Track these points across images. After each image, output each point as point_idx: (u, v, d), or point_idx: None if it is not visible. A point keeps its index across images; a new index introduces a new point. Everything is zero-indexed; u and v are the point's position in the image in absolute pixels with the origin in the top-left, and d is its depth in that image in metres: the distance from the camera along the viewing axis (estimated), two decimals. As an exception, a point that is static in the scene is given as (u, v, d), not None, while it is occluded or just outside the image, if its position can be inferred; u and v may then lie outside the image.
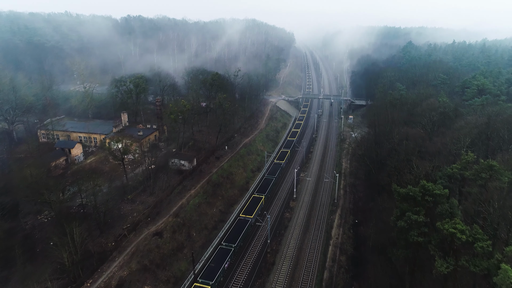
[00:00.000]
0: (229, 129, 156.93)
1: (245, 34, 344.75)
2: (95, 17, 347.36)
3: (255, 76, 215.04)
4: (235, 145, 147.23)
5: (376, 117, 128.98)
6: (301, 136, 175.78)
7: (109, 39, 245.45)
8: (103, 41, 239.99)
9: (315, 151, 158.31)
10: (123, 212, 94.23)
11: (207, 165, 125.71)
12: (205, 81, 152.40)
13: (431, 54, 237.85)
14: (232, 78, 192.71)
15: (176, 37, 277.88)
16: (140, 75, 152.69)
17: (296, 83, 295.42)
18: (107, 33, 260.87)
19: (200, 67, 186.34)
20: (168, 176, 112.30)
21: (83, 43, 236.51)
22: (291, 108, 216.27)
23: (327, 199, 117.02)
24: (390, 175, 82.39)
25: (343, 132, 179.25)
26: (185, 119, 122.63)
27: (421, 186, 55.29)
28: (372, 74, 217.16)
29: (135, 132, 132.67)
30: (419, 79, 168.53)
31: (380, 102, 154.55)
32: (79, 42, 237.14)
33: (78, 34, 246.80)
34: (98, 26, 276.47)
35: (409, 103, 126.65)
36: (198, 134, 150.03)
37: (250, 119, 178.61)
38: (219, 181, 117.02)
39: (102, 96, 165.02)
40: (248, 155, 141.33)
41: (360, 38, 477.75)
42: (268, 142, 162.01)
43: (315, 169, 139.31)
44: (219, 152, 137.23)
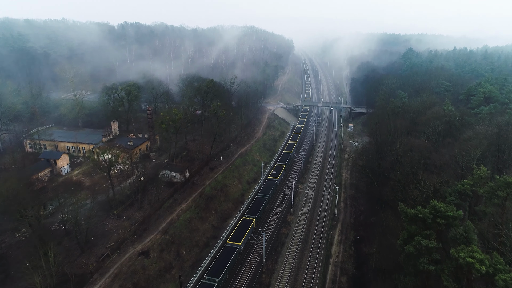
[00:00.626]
0: (224, 138, 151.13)
1: (243, 41, 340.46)
2: (91, 23, 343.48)
3: (253, 83, 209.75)
4: (230, 155, 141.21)
5: (378, 126, 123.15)
6: (300, 145, 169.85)
7: (103, 46, 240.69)
8: (97, 48, 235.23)
9: (314, 161, 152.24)
10: (108, 229, 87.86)
11: (200, 177, 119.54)
12: (199, 89, 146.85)
13: (432, 60, 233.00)
14: (229, 85, 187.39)
15: (172, 44, 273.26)
16: (132, 82, 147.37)
17: (295, 90, 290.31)
18: (101, 40, 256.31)
19: (196, 74, 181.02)
20: (158, 189, 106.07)
21: (76, 50, 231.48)
22: (289, 116, 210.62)
23: (327, 212, 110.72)
24: (394, 190, 76.28)
25: (343, 141, 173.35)
26: (177, 128, 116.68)
27: (432, 207, 49.20)
28: (372, 81, 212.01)
29: (125, 141, 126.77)
30: (422, 86, 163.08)
31: (381, 110, 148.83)
32: (72, 49, 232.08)
33: (72, 41, 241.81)
34: (93, 33, 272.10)
35: (412, 112, 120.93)
36: (192, 143, 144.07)
37: (246, 128, 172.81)
38: (212, 194, 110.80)
39: (94, 104, 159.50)
40: (244, 166, 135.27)
41: (360, 45, 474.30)
42: (265, 151, 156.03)
43: (314, 180, 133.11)
44: (213, 163, 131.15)
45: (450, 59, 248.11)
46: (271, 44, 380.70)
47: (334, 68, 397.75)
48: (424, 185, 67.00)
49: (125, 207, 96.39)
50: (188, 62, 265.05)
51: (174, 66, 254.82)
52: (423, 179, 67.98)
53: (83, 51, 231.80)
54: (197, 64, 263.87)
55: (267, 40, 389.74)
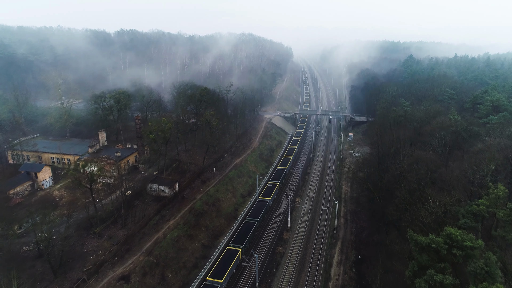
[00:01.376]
0: (218, 148, 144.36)
1: (240, 48, 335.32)
2: (87, 31, 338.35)
3: (249, 91, 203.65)
4: (224, 166, 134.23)
5: (379, 136, 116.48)
6: (297, 156, 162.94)
7: (94, 53, 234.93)
8: (88, 55, 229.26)
9: (312, 172, 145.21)
10: (87, 250, 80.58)
11: (191, 191, 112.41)
12: (192, 97, 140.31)
13: (433, 68, 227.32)
14: (224, 93, 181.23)
15: (168, 51, 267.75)
16: (121, 90, 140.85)
17: (293, 98, 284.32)
18: (94, 47, 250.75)
19: (190, 82, 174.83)
20: (145, 204, 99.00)
21: (65, 57, 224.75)
22: (287, 125, 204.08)
23: (326, 229, 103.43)
24: (399, 209, 69.22)
25: (343, 151, 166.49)
26: (166, 139, 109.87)
27: (447, 235, 42.20)
28: (372, 88, 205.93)
29: (112, 153, 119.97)
30: (424, 94, 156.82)
31: (382, 119, 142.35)
32: (60, 56, 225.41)
33: (61, 48, 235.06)
34: (85, 40, 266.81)
35: (416, 121, 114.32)
36: (185, 154, 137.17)
37: (242, 137, 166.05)
38: (203, 209, 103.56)
39: (83, 113, 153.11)
40: (238, 178, 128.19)
41: (360, 52, 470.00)
42: (261, 162, 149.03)
43: (312, 193, 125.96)
44: (205, 175, 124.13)
45: (452, 66, 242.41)
46: (269, 52, 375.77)
47: (333, 76, 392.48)
48: (434, 205, 59.94)
49: (107, 225, 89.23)
50: (184, 69, 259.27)
51: (169, 73, 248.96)
52: (432, 197, 60.97)
53: (73, 58, 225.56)
54: (192, 72, 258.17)
55: (265, 48, 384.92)
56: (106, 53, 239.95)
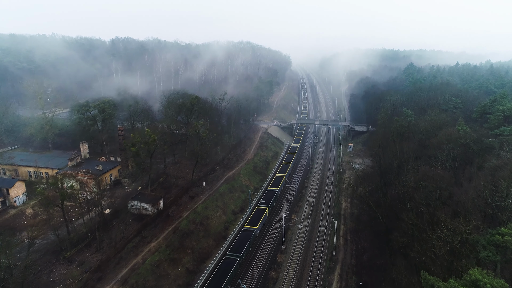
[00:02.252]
0: (210, 161, 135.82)
1: (237, 56, 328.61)
2: (81, 38, 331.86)
3: (245, 100, 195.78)
4: (215, 180, 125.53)
5: (381, 148, 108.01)
6: (294, 168, 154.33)
7: (84, 61, 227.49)
8: (77, 64, 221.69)
9: (309, 187, 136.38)
10: (54, 279, 71.47)
11: (177, 208, 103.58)
12: (182, 106, 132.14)
13: (435, 75, 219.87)
14: (218, 102, 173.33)
15: (162, 59, 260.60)
16: (106, 99, 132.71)
17: (291, 107, 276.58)
18: (83, 55, 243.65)
19: (181, 90, 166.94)
20: (124, 224, 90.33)
21: (51, 64, 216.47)
22: (284, 135, 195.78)
23: (324, 251, 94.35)
24: (407, 234, 60.43)
25: (342, 163, 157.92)
26: (150, 151, 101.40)
27: (472, 282, 33.44)
28: (372, 97, 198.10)
29: (93, 166, 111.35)
30: (427, 103, 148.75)
31: (384, 129, 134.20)
32: (47, 64, 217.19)
33: (48, 56, 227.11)
34: (78, 48, 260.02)
35: (421, 132, 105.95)
36: (173, 167, 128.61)
37: (236, 148, 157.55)
38: (189, 229, 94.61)
39: (67, 123, 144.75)
40: (230, 193, 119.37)
41: (359, 60, 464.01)
42: (256, 175, 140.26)
43: (309, 210, 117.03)
44: (194, 190, 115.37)
45: (454, 74, 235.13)
46: (266, 59, 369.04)
47: (332, 84, 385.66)
48: (447, 232, 51.21)
49: (80, 249, 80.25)
50: (178, 77, 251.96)
51: (163, 82, 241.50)
52: (445, 223, 52.26)
53: (57, 65, 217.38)
54: (187, 80, 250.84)
55: (262, 56, 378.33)
56: (96, 61, 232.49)
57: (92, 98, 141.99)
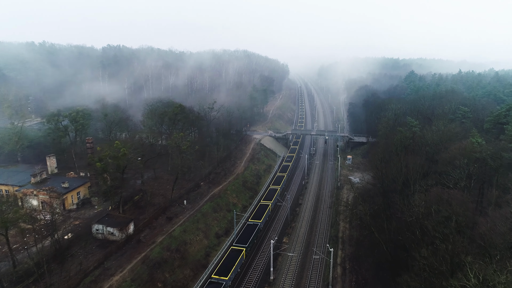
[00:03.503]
0: (194, 176, 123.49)
1: (233, 65, 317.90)
2: (71, 46, 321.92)
3: (237, 109, 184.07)
4: (198, 197, 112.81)
5: (383, 163, 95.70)
6: (288, 183, 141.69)
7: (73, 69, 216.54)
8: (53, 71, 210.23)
9: (304, 204, 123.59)
10: (-15, 327, 58.50)
11: (151, 231, 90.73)
12: (163, 115, 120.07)
13: (439, 83, 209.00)
14: (206, 111, 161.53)
15: (153, 67, 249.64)
16: (81, 107, 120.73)
17: (287, 117, 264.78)
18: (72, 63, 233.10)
19: (166, 98, 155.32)
20: (86, 253, 77.58)
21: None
22: (278, 146, 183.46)
23: (318, 283, 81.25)
24: (419, 277, 47.68)
25: (340, 177, 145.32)
26: (121, 167, 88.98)
27: None
28: (372, 106, 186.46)
29: (59, 183, 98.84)
30: (432, 112, 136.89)
31: (386, 141, 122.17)
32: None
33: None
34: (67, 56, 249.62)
35: (428, 145, 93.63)
36: (153, 183, 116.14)
37: (225, 161, 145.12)
38: (162, 257, 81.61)
39: (41, 133, 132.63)
40: (214, 213, 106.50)
41: (358, 68, 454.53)
42: (245, 191, 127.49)
43: (303, 233, 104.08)
44: (173, 210, 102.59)
45: (458, 82, 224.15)
46: (262, 68, 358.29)
47: (330, 93, 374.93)
48: (476, 281, 38.53)
49: (26, 285, 67.29)
50: (169, 86, 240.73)
51: (152, 90, 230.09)
52: (472, 269, 39.62)
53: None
54: (176, 88, 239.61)
55: (258, 64, 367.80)
56: (84, 69, 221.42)
57: (65, 107, 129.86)
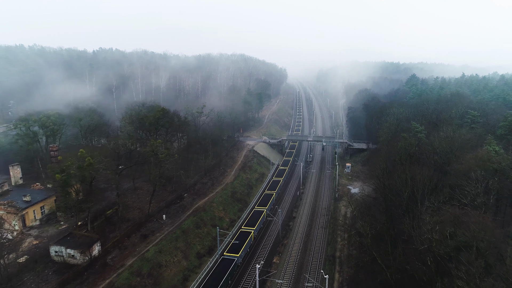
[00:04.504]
0: (177, 186, 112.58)
1: (227, 68, 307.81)
2: (61, 50, 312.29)
3: (229, 114, 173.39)
4: (180, 211, 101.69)
5: (385, 173, 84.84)
6: (281, 194, 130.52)
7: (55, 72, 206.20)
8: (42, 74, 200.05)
9: (298, 218, 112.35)
10: None
11: (121, 252, 79.51)
12: (143, 120, 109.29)
13: (442, 86, 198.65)
14: (195, 115, 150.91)
15: (144, 70, 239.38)
16: (52, 111, 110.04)
17: (284, 122, 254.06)
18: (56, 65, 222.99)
19: (152, 101, 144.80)
20: (40, 280, 66.44)
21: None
22: (272, 153, 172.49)
23: (311, 314, 69.98)
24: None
25: (339, 187, 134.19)
26: (88, 178, 78.07)
27: None
28: (373, 110, 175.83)
29: (20, 196, 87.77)
30: (438, 116, 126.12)
31: (388, 148, 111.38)
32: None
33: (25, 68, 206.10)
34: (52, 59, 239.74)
35: (437, 153, 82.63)
36: (131, 195, 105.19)
37: (213, 170, 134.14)
38: (130, 285, 70.34)
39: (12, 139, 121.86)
40: (196, 229, 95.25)
41: (358, 72, 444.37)
42: (234, 203, 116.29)
43: (296, 251, 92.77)
44: (149, 226, 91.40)
45: (462, 85, 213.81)
46: (259, 72, 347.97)
47: (329, 98, 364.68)
48: None
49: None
50: (159, 90, 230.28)
51: (142, 94, 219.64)
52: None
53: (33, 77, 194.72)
54: (168, 93, 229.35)
55: (255, 67, 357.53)
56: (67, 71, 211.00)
57: (38, 111, 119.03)
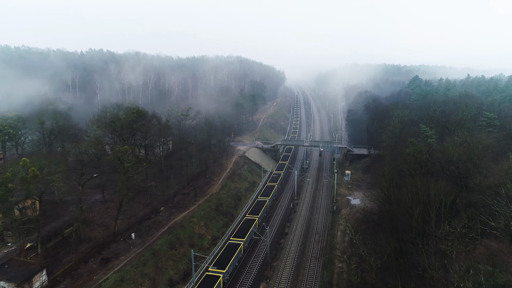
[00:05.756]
0: (154, 198, 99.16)
1: (222, 69, 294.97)
2: (49, 51, 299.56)
3: (219, 116, 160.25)
4: (154, 228, 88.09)
5: (391, 185, 71.38)
6: (273, 205, 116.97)
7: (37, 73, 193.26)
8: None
9: (291, 234, 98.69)
10: None
11: (73, 282, 65.85)
12: (114, 123, 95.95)
13: (449, 88, 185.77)
14: (181, 119, 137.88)
15: (131, 72, 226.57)
16: (11, 113, 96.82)
17: (280, 126, 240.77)
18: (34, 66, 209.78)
19: (130, 102, 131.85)
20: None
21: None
22: (265, 159, 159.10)
23: None
24: None
25: (337, 197, 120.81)
26: (30, 193, 64.74)
27: None
28: (374, 112, 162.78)
29: (-40, 213, 74.13)
30: (448, 119, 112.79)
31: (392, 154, 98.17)
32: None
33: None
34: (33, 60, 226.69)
35: (452, 162, 69.17)
36: (99, 209, 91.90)
37: (198, 179, 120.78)
38: (77, 327, 56.79)
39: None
40: (170, 250, 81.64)
41: (358, 74, 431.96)
42: (218, 218, 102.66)
43: (286, 276, 79.08)
44: (113, 248, 77.79)
45: (470, 86, 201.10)
46: (255, 73, 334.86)
47: (328, 101, 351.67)
48: None
49: None
50: (148, 92, 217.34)
51: (129, 96, 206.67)
52: None
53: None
54: (157, 95, 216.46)
55: (252, 70, 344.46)
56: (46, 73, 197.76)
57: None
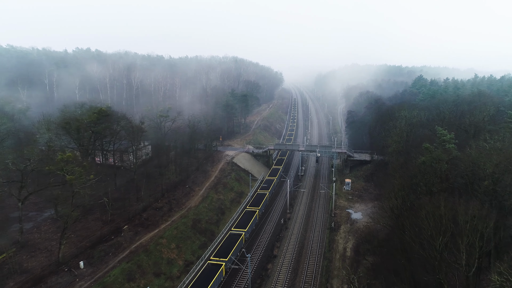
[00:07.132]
0: (119, 214, 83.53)
1: (214, 70, 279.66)
2: (33, 49, 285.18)
3: (204, 118, 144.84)
4: (111, 252, 72.22)
5: (404, 205, 55.75)
6: (262, 219, 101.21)
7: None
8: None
9: (281, 257, 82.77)
10: None
11: (-15, 335, 50.10)
12: (68, 125, 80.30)
13: (458, 87, 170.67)
14: (160, 121, 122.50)
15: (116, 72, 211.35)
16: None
17: (275, 129, 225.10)
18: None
19: (91, 101, 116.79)
20: None
21: None
22: (256, 166, 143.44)
23: None
24: None
25: (336, 210, 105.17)
26: None
27: None
28: (377, 114, 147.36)
29: None
30: (461, 121, 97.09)
31: (398, 161, 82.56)
32: None
33: None
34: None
35: (487, 176, 53.35)
36: (47, 228, 76.28)
37: (175, 190, 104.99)
38: None
39: None
40: (128, 282, 65.76)
41: (359, 74, 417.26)
42: (194, 237, 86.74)
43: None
44: (52, 282, 61.85)
45: (480, 86, 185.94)
46: (250, 74, 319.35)
47: (327, 102, 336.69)
48: None
49: None
50: (133, 94, 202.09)
51: (111, 97, 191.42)
52: None
53: None
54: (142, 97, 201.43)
55: (247, 70, 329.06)
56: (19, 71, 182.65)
57: None
